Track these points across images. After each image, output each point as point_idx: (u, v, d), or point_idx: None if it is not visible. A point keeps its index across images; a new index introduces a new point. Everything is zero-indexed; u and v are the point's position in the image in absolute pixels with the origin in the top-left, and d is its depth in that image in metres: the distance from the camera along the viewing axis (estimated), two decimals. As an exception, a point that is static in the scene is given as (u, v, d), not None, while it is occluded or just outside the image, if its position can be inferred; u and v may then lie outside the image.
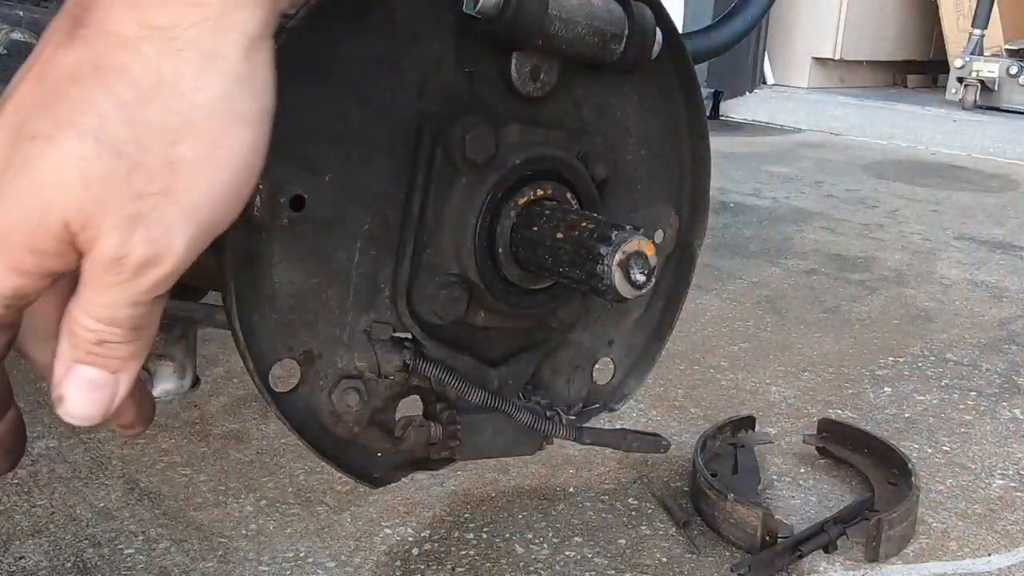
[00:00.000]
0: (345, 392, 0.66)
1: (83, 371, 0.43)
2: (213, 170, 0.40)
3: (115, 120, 0.38)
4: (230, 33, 0.40)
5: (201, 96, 0.39)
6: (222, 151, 0.40)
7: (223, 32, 0.39)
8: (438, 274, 0.65)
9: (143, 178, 0.38)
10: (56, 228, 0.38)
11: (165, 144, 0.39)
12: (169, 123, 0.39)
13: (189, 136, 0.39)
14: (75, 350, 0.42)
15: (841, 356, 1.56)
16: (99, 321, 0.41)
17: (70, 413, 0.44)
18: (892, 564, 0.98)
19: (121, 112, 0.38)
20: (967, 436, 1.28)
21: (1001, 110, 5.16)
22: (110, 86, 0.38)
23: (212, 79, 0.39)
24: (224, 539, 0.96)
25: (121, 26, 0.38)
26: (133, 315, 0.42)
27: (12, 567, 0.90)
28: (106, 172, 0.38)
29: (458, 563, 0.94)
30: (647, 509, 1.06)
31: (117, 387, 0.44)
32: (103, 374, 0.43)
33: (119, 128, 0.38)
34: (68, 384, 0.43)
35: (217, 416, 1.22)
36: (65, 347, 0.43)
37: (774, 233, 2.40)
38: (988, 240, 2.44)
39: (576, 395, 0.82)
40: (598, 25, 0.65)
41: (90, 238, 0.39)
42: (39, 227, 0.38)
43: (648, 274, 0.59)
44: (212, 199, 0.41)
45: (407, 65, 0.63)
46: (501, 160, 0.64)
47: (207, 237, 0.42)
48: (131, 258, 0.39)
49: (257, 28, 0.41)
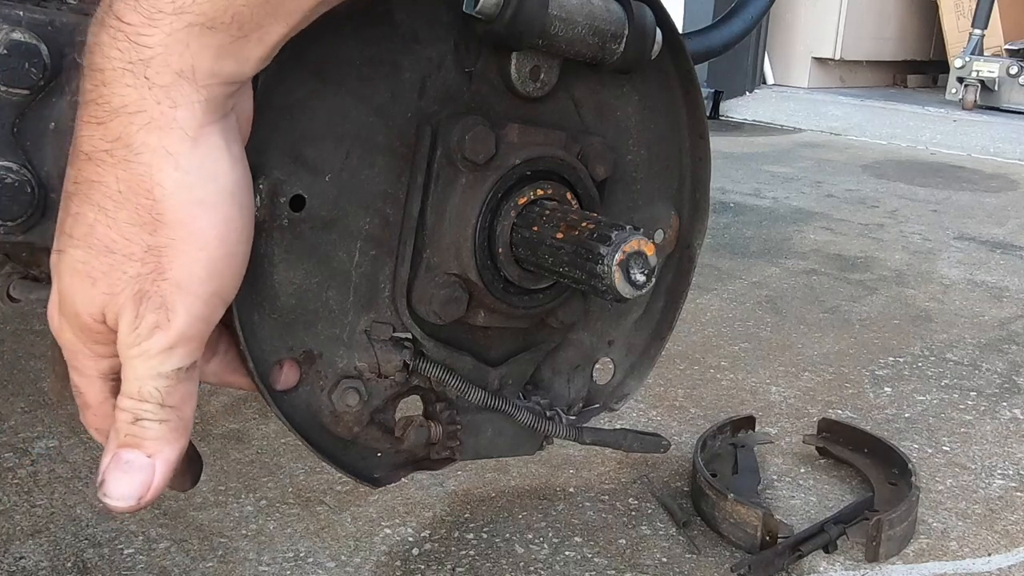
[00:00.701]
0: (345, 392, 0.66)
1: (123, 454, 0.48)
2: (190, 250, 0.46)
3: (100, 225, 0.45)
4: (173, 131, 0.44)
5: (160, 192, 0.45)
6: (194, 234, 0.46)
7: (166, 132, 0.44)
8: (438, 274, 0.65)
9: (136, 265, 0.45)
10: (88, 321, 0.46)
11: (145, 236, 0.45)
12: (143, 219, 0.45)
13: (162, 226, 0.45)
14: (117, 435, 0.48)
15: (841, 356, 1.56)
16: (131, 398, 0.47)
17: (108, 494, 0.48)
18: (892, 564, 0.98)
19: (103, 217, 0.45)
20: (967, 436, 1.28)
21: (1001, 110, 5.16)
22: (90, 199, 0.45)
23: (166, 175, 0.44)
24: (224, 539, 0.96)
25: (87, 144, 0.44)
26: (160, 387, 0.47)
27: (12, 567, 0.90)
28: (104, 268, 0.45)
29: (458, 563, 0.94)
30: (647, 509, 1.06)
31: (154, 472, 0.48)
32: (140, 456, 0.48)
33: (104, 231, 0.45)
34: (110, 468, 0.48)
35: (217, 416, 1.22)
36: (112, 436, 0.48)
37: (774, 233, 2.40)
38: (988, 240, 2.44)
39: (576, 395, 0.82)
40: (598, 25, 0.65)
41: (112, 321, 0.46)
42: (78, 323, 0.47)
43: (648, 274, 0.59)
44: (200, 273, 0.46)
45: (407, 65, 0.62)
46: (501, 160, 0.64)
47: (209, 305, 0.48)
48: (143, 327, 0.46)
49: (199, 118, 0.45)
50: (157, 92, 0.44)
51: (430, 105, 0.64)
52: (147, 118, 0.44)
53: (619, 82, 0.73)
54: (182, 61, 0.44)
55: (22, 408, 1.20)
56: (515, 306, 0.68)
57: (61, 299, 0.47)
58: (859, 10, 5.98)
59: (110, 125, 0.44)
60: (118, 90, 0.43)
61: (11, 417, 1.18)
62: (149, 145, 0.44)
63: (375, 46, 0.61)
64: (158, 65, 0.43)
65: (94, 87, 0.44)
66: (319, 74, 0.59)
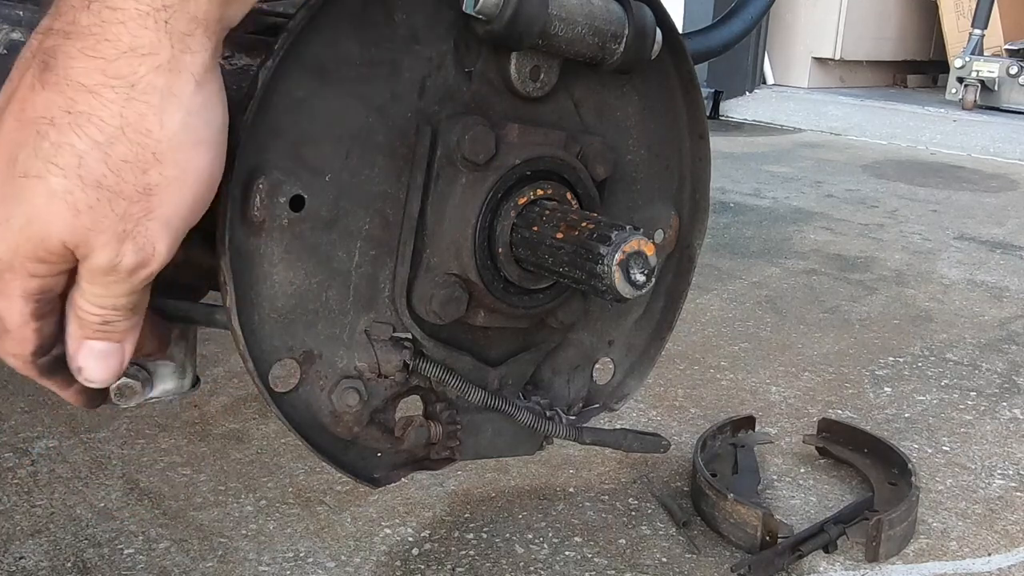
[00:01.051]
0: (345, 392, 0.66)
1: (94, 345, 0.51)
2: (182, 189, 0.48)
3: (91, 158, 0.45)
4: (182, 74, 0.46)
5: (163, 132, 0.46)
6: (188, 173, 0.48)
7: (175, 74, 0.46)
8: (438, 274, 0.65)
9: (124, 203, 0.46)
10: (56, 246, 0.46)
11: (138, 173, 0.46)
12: (138, 156, 0.46)
13: (157, 164, 0.46)
14: (84, 330, 0.51)
15: (841, 356, 1.56)
16: (102, 308, 0.50)
17: (89, 379, 0.52)
18: (892, 564, 0.98)
19: (96, 151, 0.45)
20: (967, 436, 1.28)
21: (1001, 110, 5.15)
22: (82, 129, 0.45)
23: (171, 116, 0.46)
24: (224, 539, 0.96)
25: (85, 76, 0.45)
26: (130, 300, 0.50)
27: (12, 567, 0.90)
28: (91, 202, 0.45)
29: (458, 563, 0.94)
30: (647, 509, 1.06)
31: (123, 351, 0.53)
32: (110, 345, 0.52)
33: (96, 165, 0.45)
34: (83, 357, 0.52)
35: (217, 416, 1.22)
36: (75, 328, 0.51)
37: (774, 233, 2.40)
38: (988, 240, 2.44)
39: (576, 395, 0.82)
40: (598, 25, 0.65)
41: (85, 252, 0.47)
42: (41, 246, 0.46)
43: (648, 274, 0.59)
44: (184, 210, 0.49)
45: (407, 65, 0.62)
46: (501, 160, 0.64)
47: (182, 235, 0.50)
48: (123, 265, 0.48)
49: (205, 63, 0.47)
50: (174, 38, 0.46)
51: (430, 105, 0.64)
52: (159, 60, 0.45)
53: (619, 82, 0.73)
54: (197, 8, 0.46)
55: (22, 408, 1.20)
56: (515, 306, 0.68)
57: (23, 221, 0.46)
58: (859, 10, 5.98)
59: (116, 63, 0.45)
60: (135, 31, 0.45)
61: (11, 417, 1.18)
62: (156, 86, 0.45)
63: (375, 46, 0.61)
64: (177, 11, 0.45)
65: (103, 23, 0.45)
66: (319, 74, 0.59)
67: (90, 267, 0.48)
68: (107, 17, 0.45)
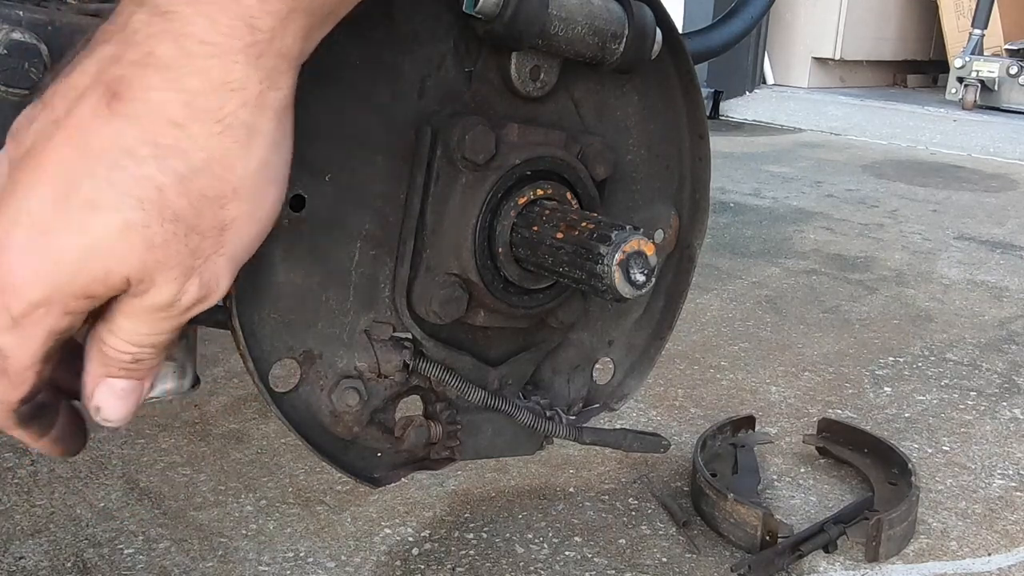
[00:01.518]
0: (345, 392, 0.66)
1: (115, 384, 0.49)
2: (252, 225, 0.47)
3: (172, 192, 0.44)
4: (266, 111, 0.46)
5: (246, 168, 0.46)
6: (260, 209, 0.47)
7: (260, 110, 0.46)
8: (438, 274, 0.65)
9: (197, 238, 0.45)
10: (117, 280, 0.44)
11: (216, 209, 0.45)
12: (219, 192, 0.45)
13: (235, 200, 0.46)
14: (108, 367, 0.48)
15: (841, 356, 1.56)
16: (138, 346, 0.48)
17: (107, 419, 0.50)
18: (892, 564, 0.98)
19: (178, 185, 0.44)
20: (967, 436, 1.28)
21: (1001, 110, 5.15)
22: (166, 162, 0.44)
23: (254, 152, 0.46)
24: (224, 539, 0.96)
25: (169, 109, 0.44)
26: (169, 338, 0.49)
27: (12, 567, 0.90)
28: (167, 237, 0.44)
29: (458, 563, 0.94)
30: (647, 509, 1.06)
31: (143, 388, 0.51)
32: (133, 383, 0.50)
33: (175, 199, 0.44)
34: (102, 395, 0.49)
35: (217, 416, 1.22)
36: (96, 366, 0.49)
37: (774, 233, 2.40)
38: (988, 240, 2.44)
39: (576, 395, 0.82)
40: (598, 25, 0.65)
41: (146, 287, 0.45)
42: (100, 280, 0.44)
43: (648, 274, 0.59)
44: (250, 246, 0.48)
45: (407, 65, 0.62)
46: (501, 160, 0.64)
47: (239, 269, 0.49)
48: (184, 301, 0.46)
49: (286, 98, 0.47)
50: (262, 73, 0.45)
51: (430, 105, 0.64)
52: (246, 96, 0.45)
53: (619, 82, 0.73)
54: (283, 44, 0.46)
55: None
56: (515, 306, 0.68)
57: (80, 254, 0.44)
58: (859, 10, 5.98)
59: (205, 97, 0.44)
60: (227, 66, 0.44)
61: (11, 417, 1.18)
62: (243, 121, 0.45)
63: (375, 46, 0.61)
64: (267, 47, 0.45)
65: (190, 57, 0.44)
66: (319, 74, 0.59)
67: (143, 303, 0.46)
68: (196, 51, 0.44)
